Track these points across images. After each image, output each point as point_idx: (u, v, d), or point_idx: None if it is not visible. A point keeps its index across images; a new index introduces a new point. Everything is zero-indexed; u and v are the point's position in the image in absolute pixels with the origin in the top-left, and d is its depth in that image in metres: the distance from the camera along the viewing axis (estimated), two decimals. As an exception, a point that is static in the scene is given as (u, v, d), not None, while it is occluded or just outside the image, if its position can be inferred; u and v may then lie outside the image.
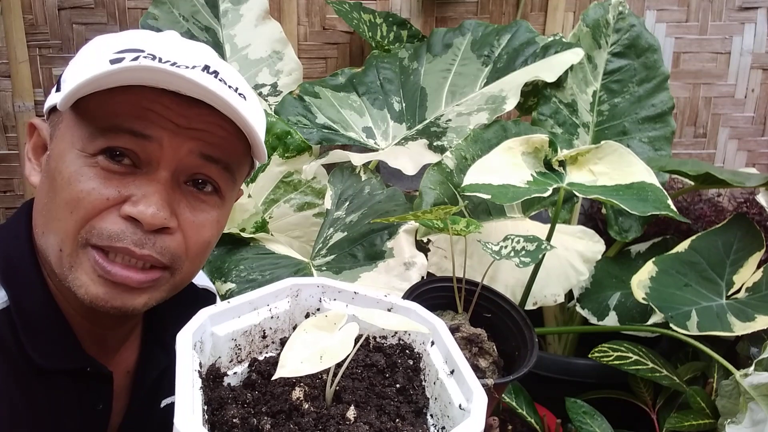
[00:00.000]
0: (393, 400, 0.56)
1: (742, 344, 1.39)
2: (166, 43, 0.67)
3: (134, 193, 0.63)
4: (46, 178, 0.66)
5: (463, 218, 1.08)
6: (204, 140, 0.65)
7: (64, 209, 0.63)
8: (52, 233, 0.64)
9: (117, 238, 0.63)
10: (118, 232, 0.63)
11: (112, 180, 0.63)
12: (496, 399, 0.90)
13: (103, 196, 0.62)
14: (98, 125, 0.63)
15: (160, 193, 0.64)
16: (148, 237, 0.64)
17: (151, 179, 0.64)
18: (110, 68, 0.58)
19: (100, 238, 0.63)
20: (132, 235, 0.63)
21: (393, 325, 0.55)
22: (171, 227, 0.65)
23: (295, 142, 1.46)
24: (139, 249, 0.63)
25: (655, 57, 1.69)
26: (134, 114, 0.62)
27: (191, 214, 0.67)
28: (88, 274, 0.64)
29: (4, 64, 1.82)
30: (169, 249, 0.66)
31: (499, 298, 1.00)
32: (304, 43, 1.96)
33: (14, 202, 1.94)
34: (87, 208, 0.62)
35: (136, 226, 0.63)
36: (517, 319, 0.97)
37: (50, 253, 0.65)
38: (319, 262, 1.33)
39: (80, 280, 0.64)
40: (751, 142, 2.16)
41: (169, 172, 0.64)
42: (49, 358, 0.68)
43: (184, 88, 0.62)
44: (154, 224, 0.63)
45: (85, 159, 0.63)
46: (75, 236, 0.63)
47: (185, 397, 0.48)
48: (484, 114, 1.55)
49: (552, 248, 1.05)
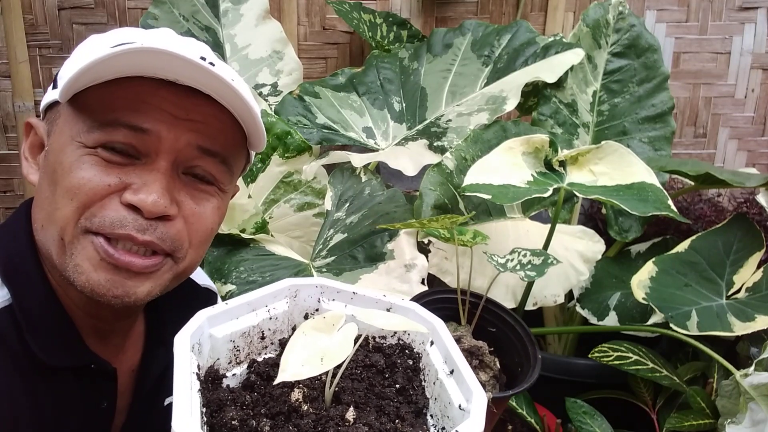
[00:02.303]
0: (392, 401, 0.56)
1: (742, 344, 1.39)
2: (161, 37, 0.68)
3: (134, 182, 0.64)
4: (46, 173, 0.66)
5: (469, 229, 1.08)
6: (201, 132, 0.66)
7: (65, 197, 0.63)
8: (52, 224, 0.65)
9: (119, 225, 0.63)
10: (120, 218, 0.63)
11: (113, 168, 0.64)
12: (496, 414, 0.90)
13: (104, 182, 0.63)
14: (97, 119, 0.63)
15: (160, 181, 0.64)
16: (150, 224, 0.64)
17: (150, 168, 0.64)
18: (110, 51, 0.58)
19: (102, 226, 0.63)
20: (133, 222, 0.64)
21: (392, 324, 0.55)
22: (171, 215, 0.66)
23: (295, 142, 1.46)
24: (141, 235, 0.64)
25: (655, 57, 1.69)
26: (132, 107, 0.63)
27: (193, 202, 0.68)
28: (90, 260, 0.64)
29: (4, 64, 1.82)
30: (170, 236, 0.66)
31: (504, 312, 1.00)
32: (304, 43, 1.96)
33: (14, 202, 1.94)
34: (88, 194, 0.63)
35: (137, 213, 0.64)
36: (521, 334, 0.97)
37: (50, 244, 0.65)
38: (320, 264, 1.33)
39: (81, 267, 0.64)
40: (751, 142, 2.16)
41: (168, 162, 0.65)
42: (53, 355, 0.68)
43: (183, 75, 0.63)
44: (154, 212, 0.64)
45: (84, 149, 0.63)
46: (75, 223, 0.63)
47: (183, 400, 0.47)
48: (484, 114, 1.55)
49: (558, 263, 1.05)
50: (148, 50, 0.59)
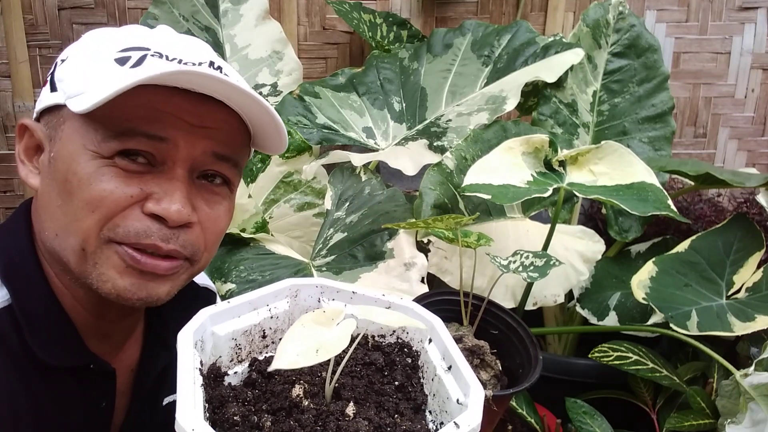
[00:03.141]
0: (392, 397, 0.56)
1: (742, 344, 1.39)
2: (166, 39, 0.68)
3: (155, 191, 0.64)
4: (54, 180, 0.65)
5: (474, 231, 1.08)
6: (216, 139, 0.67)
7: (84, 209, 0.63)
8: (71, 235, 0.64)
9: (144, 235, 0.64)
10: (144, 229, 0.64)
11: (132, 178, 0.64)
12: (497, 413, 0.90)
13: (126, 194, 0.63)
14: (111, 128, 0.63)
15: (181, 190, 0.65)
16: (173, 232, 0.65)
17: (169, 177, 0.65)
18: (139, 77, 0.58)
19: (127, 236, 0.64)
20: (158, 232, 0.64)
21: (391, 320, 0.56)
22: (192, 222, 0.67)
23: (295, 142, 1.46)
24: (165, 244, 0.65)
25: (655, 57, 1.69)
26: (148, 116, 0.63)
27: (207, 207, 0.69)
28: (116, 268, 0.65)
29: (4, 64, 1.82)
30: (191, 242, 0.67)
31: (506, 314, 1.00)
32: (304, 43, 1.96)
33: (14, 202, 1.94)
34: (110, 206, 0.63)
35: (161, 222, 0.64)
36: (523, 337, 0.97)
37: (68, 253, 0.65)
38: (320, 263, 1.33)
39: (106, 275, 0.65)
40: (751, 142, 2.16)
41: (185, 170, 0.66)
42: (53, 355, 0.68)
43: (199, 85, 0.64)
44: (178, 221, 0.65)
45: (101, 160, 0.63)
46: (98, 234, 0.64)
47: (187, 394, 0.48)
48: (484, 114, 1.55)
49: (560, 264, 1.05)
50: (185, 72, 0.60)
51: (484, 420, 0.50)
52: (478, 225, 1.44)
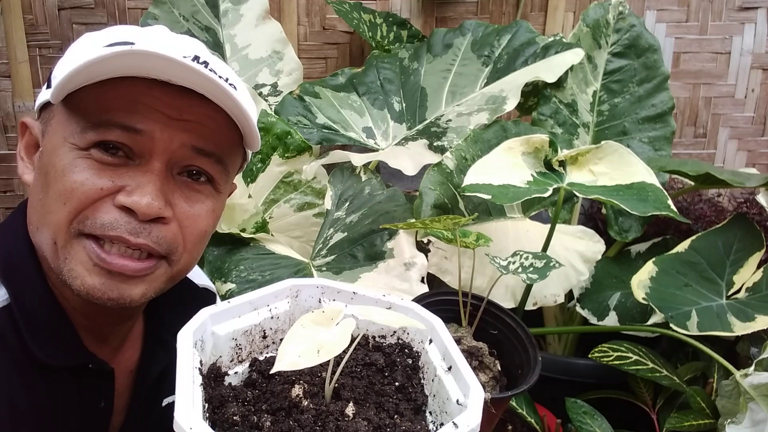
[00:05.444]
0: (392, 398, 0.56)
1: (742, 344, 1.39)
2: (156, 35, 0.67)
3: (128, 184, 0.63)
4: (39, 174, 0.66)
5: (473, 231, 1.08)
6: (196, 132, 0.65)
7: (57, 201, 0.63)
8: (45, 227, 0.64)
9: (111, 227, 0.63)
10: (111, 221, 0.63)
11: (105, 171, 0.63)
12: (495, 415, 0.89)
13: (96, 185, 0.62)
14: (90, 119, 0.63)
15: (154, 183, 0.64)
16: (143, 226, 0.64)
17: (144, 170, 0.64)
18: (101, 53, 0.57)
19: (93, 227, 0.63)
20: (126, 225, 0.63)
21: (391, 321, 0.56)
22: (166, 217, 0.65)
23: (295, 142, 1.46)
24: (134, 238, 0.63)
25: (655, 57, 1.69)
26: (125, 108, 0.62)
27: (187, 204, 0.67)
28: (83, 264, 0.64)
29: (4, 64, 1.82)
30: (165, 239, 0.66)
31: (505, 314, 1.00)
32: (304, 43, 1.96)
33: (14, 202, 1.94)
34: (80, 198, 0.62)
35: (131, 215, 0.63)
36: (522, 337, 0.97)
37: (45, 247, 0.65)
38: (320, 263, 1.33)
39: (75, 271, 0.64)
40: (751, 142, 2.16)
41: (162, 164, 0.64)
42: (52, 355, 0.68)
43: (176, 76, 0.62)
44: (148, 214, 0.63)
45: (77, 152, 0.63)
46: (68, 227, 0.63)
47: (185, 393, 0.48)
48: (484, 114, 1.55)
49: (560, 266, 1.05)
50: (139, 53, 0.59)
51: (483, 421, 0.50)
52: (478, 225, 1.44)
